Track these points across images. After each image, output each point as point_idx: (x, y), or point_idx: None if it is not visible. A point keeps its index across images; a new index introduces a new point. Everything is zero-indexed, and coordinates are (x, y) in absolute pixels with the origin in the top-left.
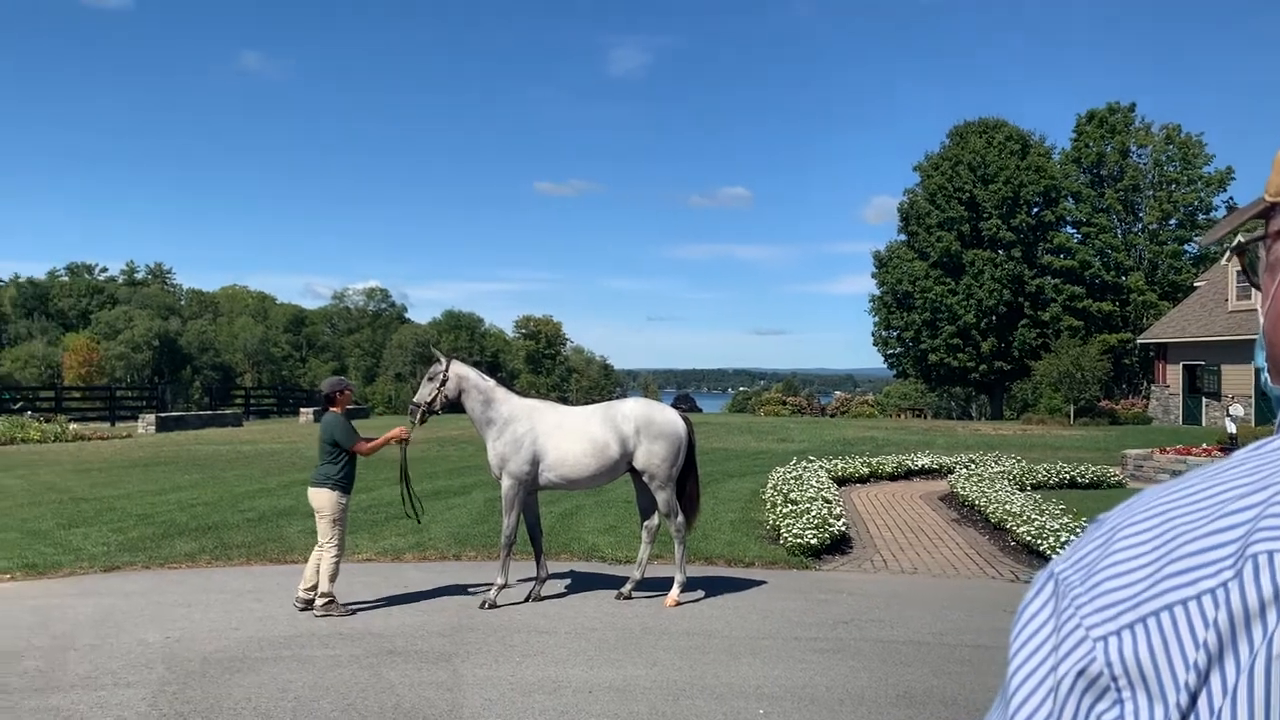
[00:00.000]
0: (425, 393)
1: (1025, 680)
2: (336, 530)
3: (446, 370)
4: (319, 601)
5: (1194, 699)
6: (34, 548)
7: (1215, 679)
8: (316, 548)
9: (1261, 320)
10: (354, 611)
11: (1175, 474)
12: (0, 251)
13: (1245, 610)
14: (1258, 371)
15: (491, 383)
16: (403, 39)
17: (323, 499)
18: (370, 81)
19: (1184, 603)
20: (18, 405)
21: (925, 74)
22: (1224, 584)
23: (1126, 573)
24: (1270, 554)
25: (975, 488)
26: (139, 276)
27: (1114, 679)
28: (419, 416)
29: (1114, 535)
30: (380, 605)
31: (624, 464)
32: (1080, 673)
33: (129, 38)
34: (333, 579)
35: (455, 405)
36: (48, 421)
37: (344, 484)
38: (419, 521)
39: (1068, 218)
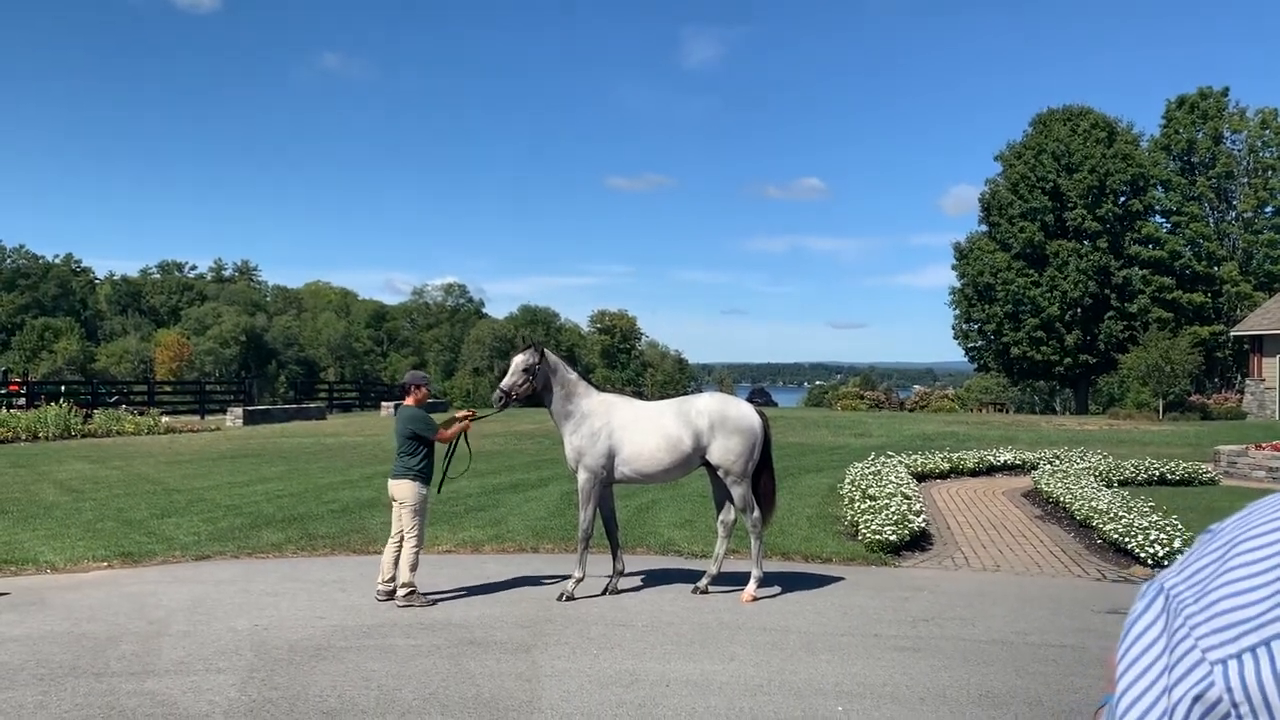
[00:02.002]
0: (516, 381)
1: (1136, 702)
2: (417, 521)
3: (541, 362)
4: (400, 592)
5: None
6: (130, 537)
7: None
8: (391, 540)
9: None
10: (435, 602)
11: (1272, 471)
12: (96, 250)
13: None
14: None
15: (575, 375)
16: (477, 37)
17: (405, 490)
18: (447, 79)
19: None
20: (113, 399)
21: (1006, 61)
22: None
23: (1247, 590)
24: None
25: (1060, 484)
26: (226, 274)
27: (1234, 705)
28: (502, 405)
29: (1231, 548)
30: (460, 596)
31: (698, 458)
32: (1197, 698)
33: (216, 39)
34: (414, 569)
35: (530, 398)
36: (141, 415)
37: (424, 475)
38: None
39: (1156, 207)
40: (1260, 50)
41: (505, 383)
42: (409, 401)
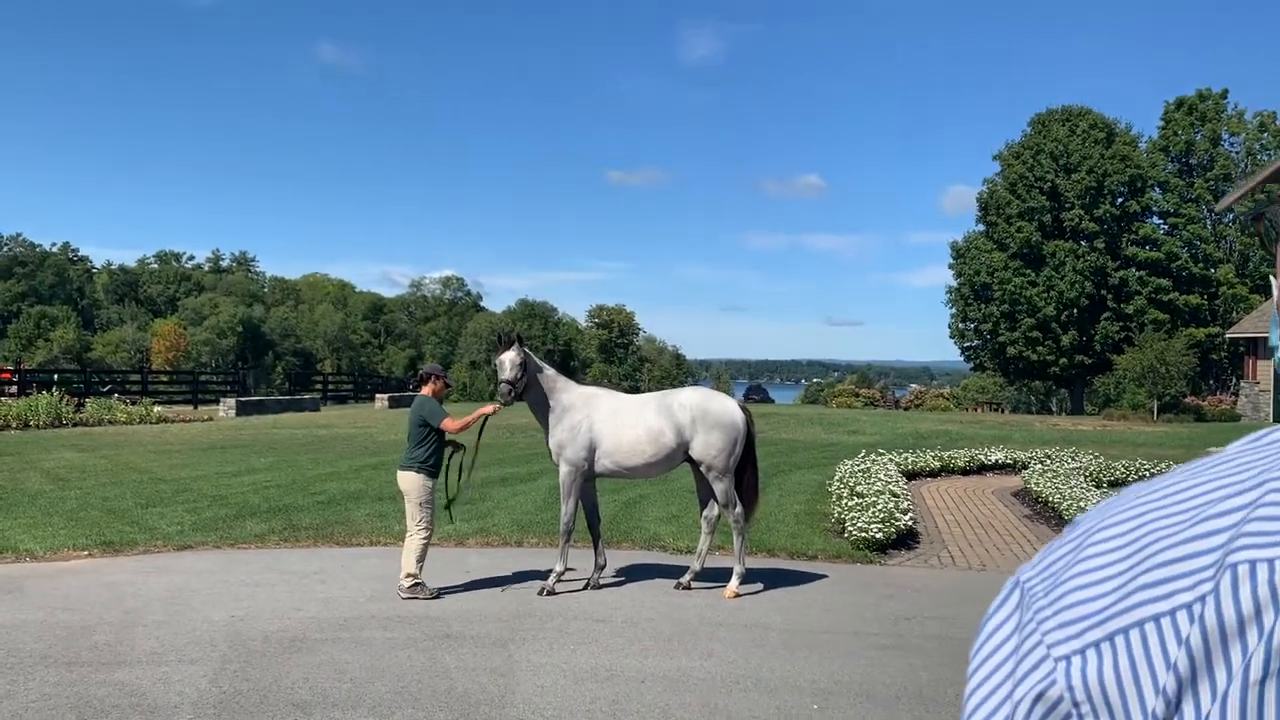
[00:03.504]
0: (517, 375)
1: (981, 703)
2: (424, 513)
3: (523, 357)
4: (405, 583)
5: None
6: (112, 526)
7: (1188, 707)
8: (409, 533)
9: (1276, 294)
10: (440, 594)
11: None
12: (93, 239)
13: (1221, 629)
14: (1272, 350)
15: (552, 371)
16: (476, 30)
17: (410, 482)
18: (445, 72)
19: (1156, 619)
20: (106, 388)
21: (1006, 61)
22: (1202, 598)
23: (1096, 583)
24: (1252, 564)
25: (1049, 484)
26: (224, 264)
27: (1075, 704)
28: (514, 397)
29: (1086, 539)
30: (440, 589)
31: (680, 453)
32: (1038, 697)
33: (214, 30)
34: (419, 560)
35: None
36: (134, 404)
37: (431, 468)
38: (447, 508)
39: (1154, 208)
40: (1259, 53)
41: (508, 376)
42: (425, 391)
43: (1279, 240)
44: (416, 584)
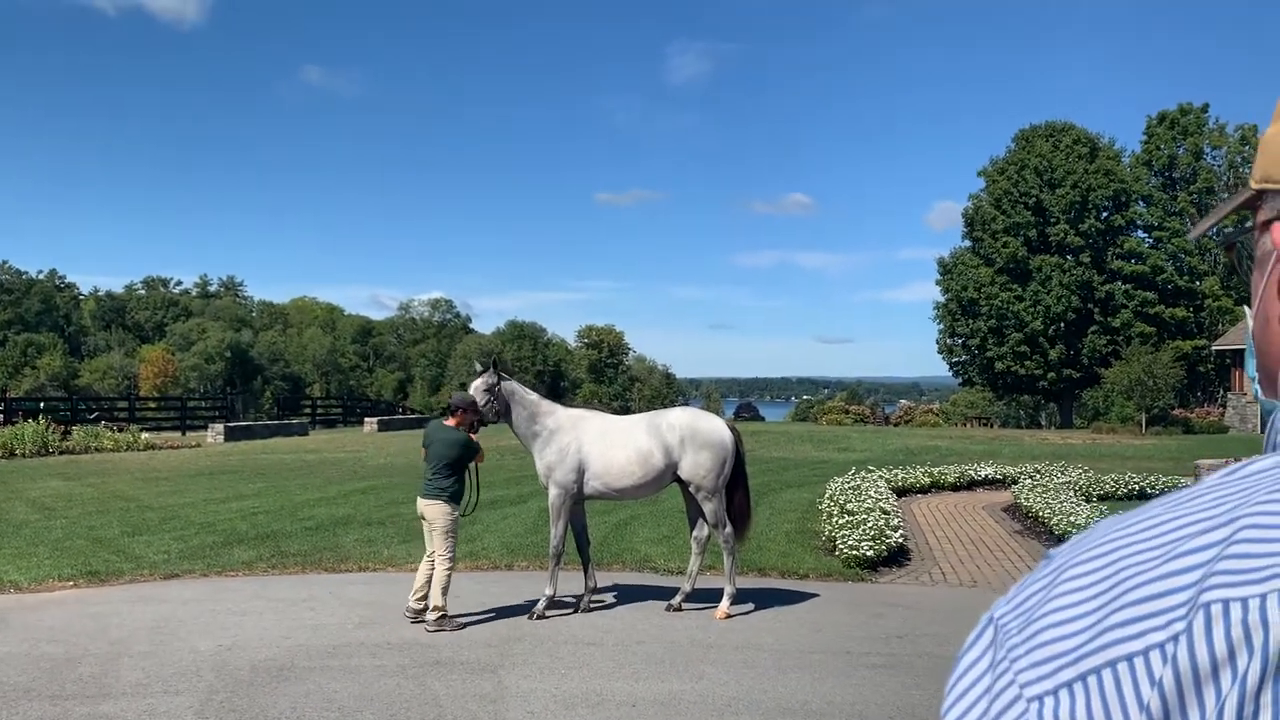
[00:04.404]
0: (480, 403)
1: None
2: (449, 541)
3: (498, 385)
4: (431, 616)
5: None
6: (98, 555)
7: None
8: (426, 557)
9: (1250, 323)
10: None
11: None
12: (80, 266)
13: (1195, 670)
14: (1251, 380)
15: (535, 396)
16: (464, 52)
17: (437, 511)
18: (433, 94)
19: (1129, 658)
20: (93, 415)
21: (990, 77)
22: (1175, 637)
23: (1069, 620)
24: (1225, 603)
25: (1039, 499)
26: (212, 289)
27: None
28: (471, 429)
29: (1059, 575)
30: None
31: (669, 474)
32: None
33: (200, 54)
34: (445, 592)
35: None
36: (121, 431)
37: (456, 497)
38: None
39: (1138, 222)
40: (1239, 67)
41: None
42: (450, 423)
43: (1253, 268)
44: (443, 617)
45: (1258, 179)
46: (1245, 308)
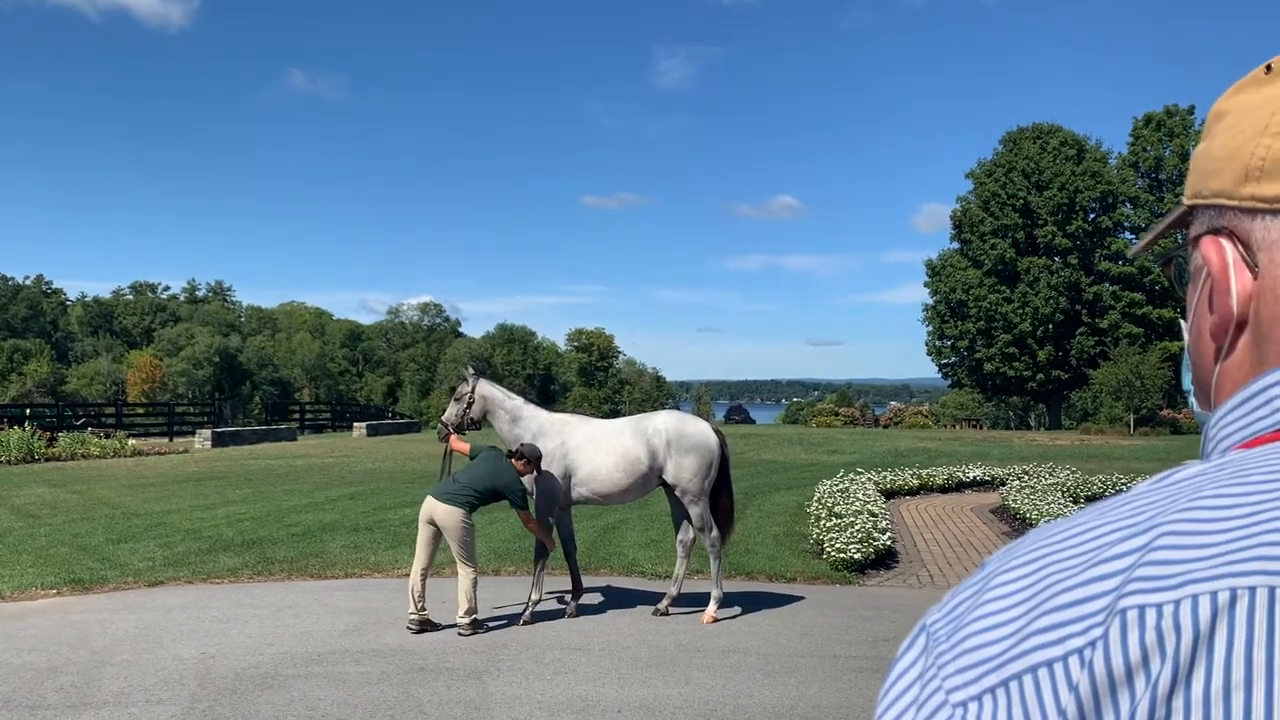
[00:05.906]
0: (452, 413)
1: None
2: (467, 546)
3: (473, 392)
4: (464, 620)
5: None
6: (82, 563)
7: None
8: (418, 567)
9: (1185, 337)
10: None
11: None
12: (68, 271)
13: (1110, 675)
14: (1186, 394)
15: (519, 400)
16: (451, 55)
17: (455, 517)
18: (421, 98)
19: (1049, 664)
20: (80, 422)
21: (977, 79)
22: (1093, 643)
23: (994, 627)
24: (1141, 609)
25: (1027, 500)
26: (200, 294)
27: None
28: (444, 435)
29: (988, 582)
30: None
31: (655, 478)
32: None
33: (187, 58)
34: (471, 596)
35: (486, 422)
36: (108, 437)
37: (474, 510)
38: None
39: (1126, 223)
40: (1225, 69)
41: (445, 415)
42: (518, 466)
43: (1190, 283)
44: (474, 620)
45: (1189, 195)
46: (1182, 321)
